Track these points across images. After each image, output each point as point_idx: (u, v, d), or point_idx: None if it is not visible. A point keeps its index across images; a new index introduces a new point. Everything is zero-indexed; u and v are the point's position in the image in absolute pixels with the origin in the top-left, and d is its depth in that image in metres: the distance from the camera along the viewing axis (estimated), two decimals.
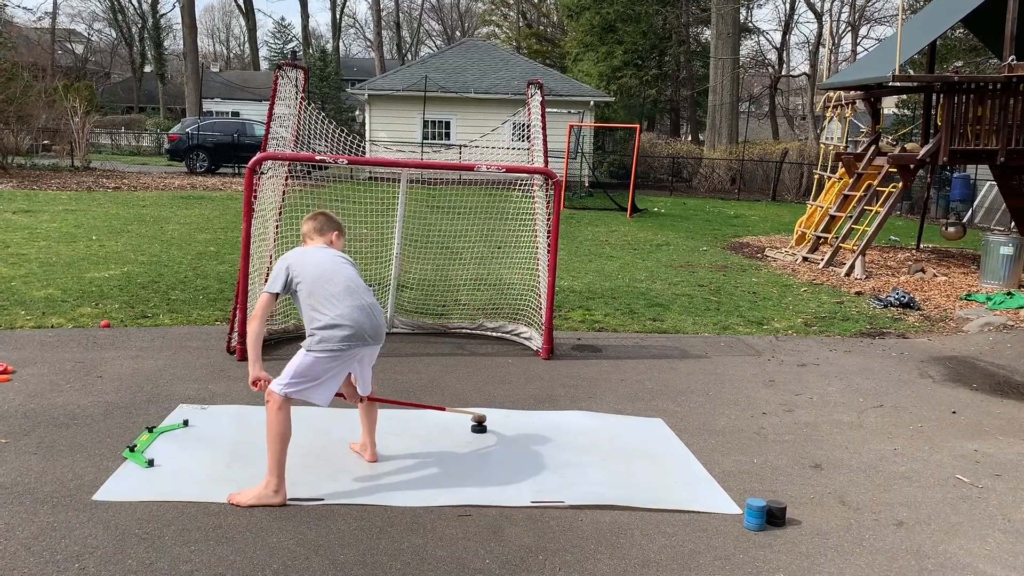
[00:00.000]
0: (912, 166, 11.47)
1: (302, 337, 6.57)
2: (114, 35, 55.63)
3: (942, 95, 11.20)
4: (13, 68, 23.65)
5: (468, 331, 7.24)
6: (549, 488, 4.05)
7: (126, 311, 7.37)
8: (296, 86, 6.69)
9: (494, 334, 7.17)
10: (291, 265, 3.94)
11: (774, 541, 3.61)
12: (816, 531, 3.73)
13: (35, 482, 3.85)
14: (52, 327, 6.73)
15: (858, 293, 9.94)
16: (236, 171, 25.68)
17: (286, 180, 6.74)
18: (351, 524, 3.60)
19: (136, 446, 4.26)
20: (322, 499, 3.81)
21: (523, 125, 7.46)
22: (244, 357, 6.02)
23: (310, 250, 4.07)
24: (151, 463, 4.08)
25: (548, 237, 6.60)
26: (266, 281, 4.16)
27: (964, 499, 4.15)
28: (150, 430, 4.50)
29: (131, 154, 35.47)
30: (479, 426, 4.82)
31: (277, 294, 3.92)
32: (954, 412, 5.59)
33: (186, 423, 4.67)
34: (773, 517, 3.75)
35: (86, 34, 56.85)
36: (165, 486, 3.86)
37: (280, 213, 6.73)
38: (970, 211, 19.71)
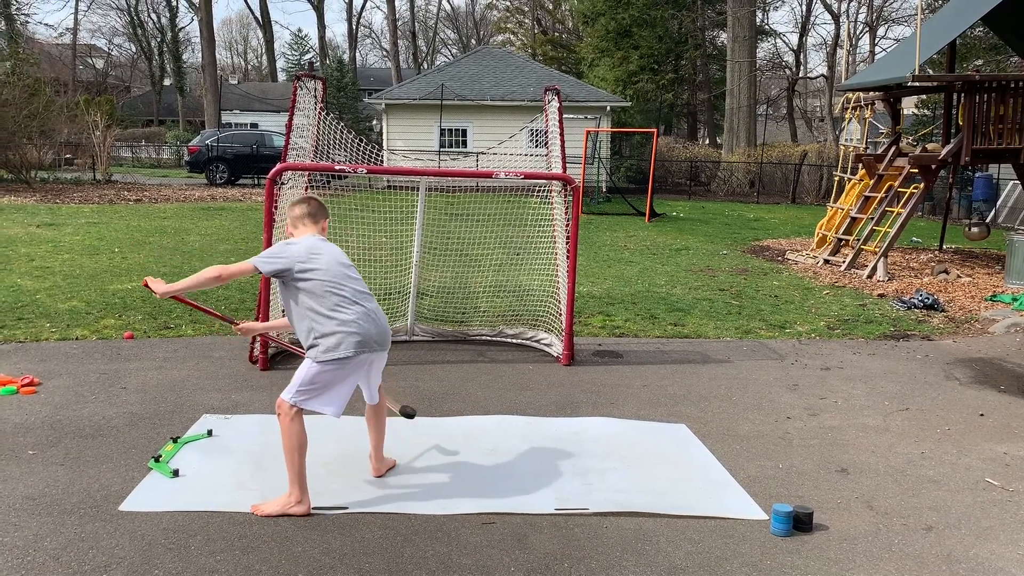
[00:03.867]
0: (934, 166, 11.36)
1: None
2: (134, 49, 56.26)
3: (963, 94, 11.09)
4: (36, 84, 23.97)
5: (488, 338, 7.23)
6: (573, 495, 4.04)
7: (149, 322, 7.43)
8: (315, 97, 6.73)
9: (514, 341, 7.16)
10: (298, 259, 3.73)
11: (801, 547, 3.58)
12: (844, 536, 3.68)
13: (62, 493, 3.88)
14: (76, 339, 6.80)
15: (881, 295, 9.84)
16: (256, 182, 25.86)
17: (306, 190, 6.78)
18: (376, 533, 3.60)
19: (161, 456, 4.29)
20: (346, 508, 3.81)
21: (540, 132, 7.46)
22: (266, 367, 6.05)
23: (318, 244, 3.86)
24: (176, 473, 4.11)
25: (567, 243, 6.59)
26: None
27: (994, 503, 4.09)
28: (175, 440, 4.53)
29: (151, 167, 35.82)
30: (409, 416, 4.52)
31: (262, 274, 3.76)
32: (982, 415, 5.51)
33: (210, 433, 4.70)
34: (800, 523, 3.71)
35: (106, 49, 57.55)
36: (190, 496, 3.88)
37: None
38: (993, 211, 19.48)
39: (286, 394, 3.74)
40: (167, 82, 52.18)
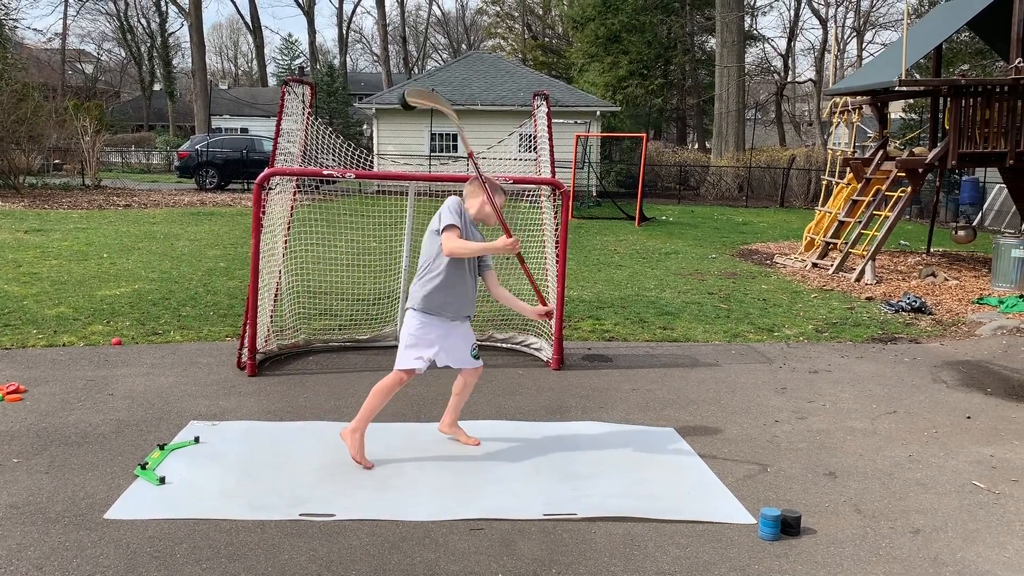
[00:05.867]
0: (921, 170, 11.42)
1: (311, 352, 6.58)
2: (123, 54, 56.17)
3: (949, 99, 11.16)
4: (24, 89, 23.87)
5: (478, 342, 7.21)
6: (561, 500, 4.03)
7: (137, 328, 7.39)
8: (303, 101, 6.72)
9: (504, 345, 7.15)
10: None
11: (789, 551, 3.58)
12: (832, 540, 3.69)
13: (47, 501, 3.85)
14: (64, 345, 6.76)
15: (869, 298, 9.89)
16: (245, 187, 25.81)
17: (294, 195, 6.77)
18: (363, 539, 3.59)
19: (147, 464, 4.26)
20: (334, 515, 3.80)
21: (530, 136, 7.47)
22: (255, 372, 6.02)
23: None
24: (162, 480, 4.08)
25: (556, 247, 6.59)
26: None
27: (981, 506, 4.11)
28: (161, 447, 4.50)
29: (141, 172, 35.70)
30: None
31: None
32: (968, 417, 5.54)
33: (197, 440, 4.67)
34: (788, 526, 3.71)
35: (96, 54, 57.38)
36: (177, 504, 3.86)
37: (289, 228, 6.75)
38: (980, 214, 19.61)
39: None
40: (157, 87, 52.12)
